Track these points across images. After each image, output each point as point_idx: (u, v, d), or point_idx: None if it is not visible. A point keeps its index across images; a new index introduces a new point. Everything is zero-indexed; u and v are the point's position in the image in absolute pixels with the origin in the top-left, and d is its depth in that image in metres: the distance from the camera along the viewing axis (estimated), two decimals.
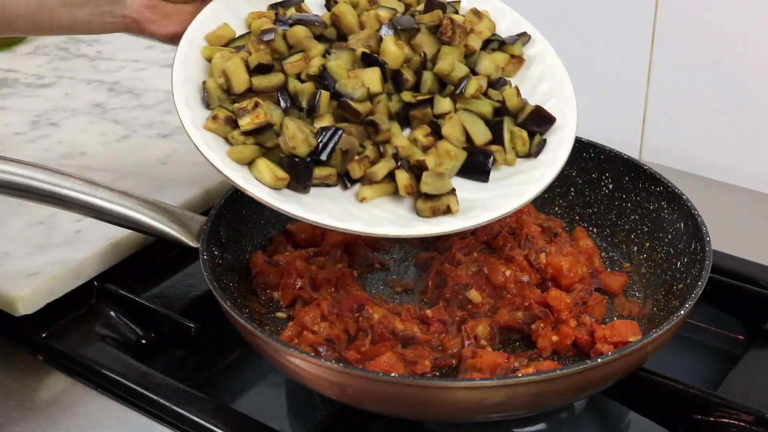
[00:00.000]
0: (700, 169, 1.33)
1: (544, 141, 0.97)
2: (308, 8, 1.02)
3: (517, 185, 0.94)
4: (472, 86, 0.96)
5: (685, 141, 1.35)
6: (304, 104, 0.93)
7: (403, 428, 0.91)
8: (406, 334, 0.94)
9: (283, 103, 0.93)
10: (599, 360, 0.82)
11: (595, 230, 1.12)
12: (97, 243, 1.08)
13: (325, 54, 0.96)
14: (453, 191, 0.91)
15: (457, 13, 1.02)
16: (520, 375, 0.86)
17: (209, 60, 0.97)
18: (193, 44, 0.98)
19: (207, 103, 0.94)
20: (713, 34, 1.27)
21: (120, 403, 0.94)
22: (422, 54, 0.96)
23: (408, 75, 0.96)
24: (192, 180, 1.21)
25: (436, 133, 0.95)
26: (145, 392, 0.93)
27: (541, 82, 1.02)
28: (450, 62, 0.95)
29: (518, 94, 0.98)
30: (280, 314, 1.01)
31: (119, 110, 1.40)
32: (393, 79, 0.96)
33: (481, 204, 0.92)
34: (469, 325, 0.96)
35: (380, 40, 0.96)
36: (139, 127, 1.35)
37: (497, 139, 0.96)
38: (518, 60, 1.03)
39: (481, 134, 0.95)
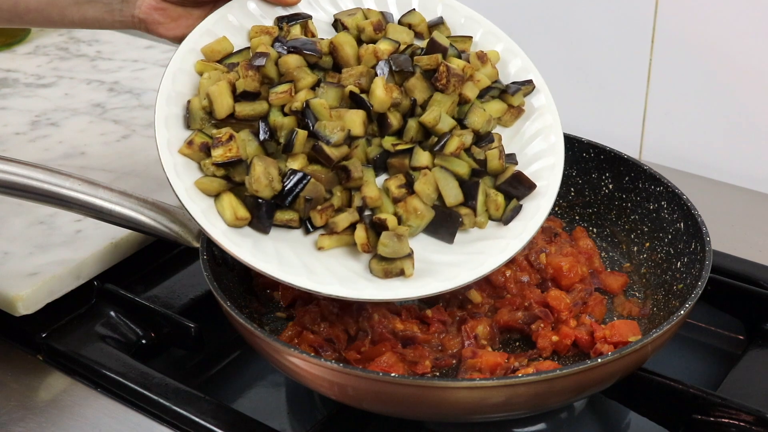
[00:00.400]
0: (700, 169, 1.33)
1: (520, 207, 0.95)
2: (314, 27, 1.00)
3: (476, 254, 0.92)
4: (453, 144, 0.93)
5: (685, 141, 1.35)
6: (281, 139, 0.91)
7: (403, 428, 0.91)
8: (406, 334, 0.94)
9: (262, 135, 0.91)
10: (599, 360, 0.82)
11: (595, 230, 1.12)
12: (97, 243, 1.08)
13: (316, 86, 0.94)
14: (410, 255, 0.89)
15: (460, 56, 0.98)
16: (520, 375, 0.85)
17: (201, 75, 0.95)
18: (187, 58, 0.96)
19: (188, 124, 0.93)
20: (713, 34, 1.27)
21: (120, 403, 0.94)
22: (412, 100, 0.94)
23: (393, 119, 0.93)
24: None
25: (410, 185, 0.93)
26: (145, 392, 0.93)
27: (534, 140, 0.99)
28: (435, 115, 0.93)
29: (501, 156, 0.95)
30: (280, 314, 1.01)
31: (119, 110, 1.40)
32: (378, 121, 0.94)
33: (435, 270, 0.90)
34: (469, 325, 0.96)
35: (374, 77, 0.94)
36: (139, 127, 1.35)
37: (470, 201, 0.94)
38: (518, 110, 1.00)
39: (452, 196, 0.93)
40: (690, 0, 1.27)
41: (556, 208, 1.14)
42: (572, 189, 1.14)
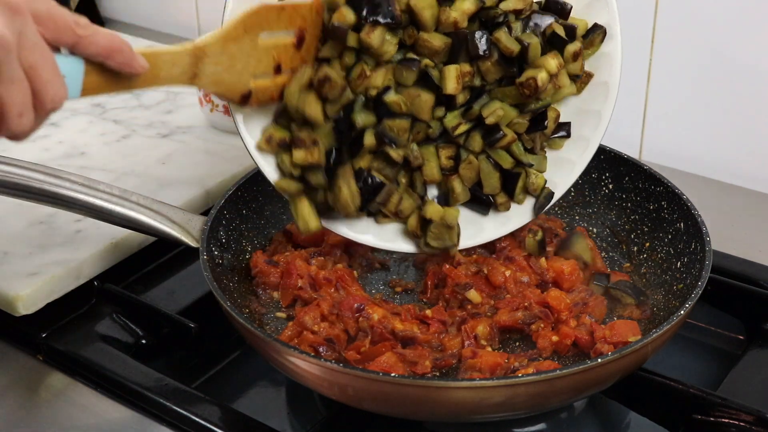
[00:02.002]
0: (700, 169, 1.33)
1: (552, 194, 1.01)
2: None
3: (503, 224, 1.03)
4: (504, 141, 0.96)
5: (685, 141, 1.35)
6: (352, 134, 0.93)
7: (403, 428, 0.91)
8: (406, 334, 0.94)
9: (342, 136, 0.93)
10: (599, 360, 0.82)
11: (595, 230, 1.12)
12: (97, 243, 1.08)
13: (395, 58, 0.92)
14: (455, 245, 0.98)
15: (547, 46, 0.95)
16: (520, 375, 0.86)
17: None
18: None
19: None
20: (713, 34, 1.27)
21: (120, 403, 0.94)
22: (482, 81, 0.95)
23: (460, 98, 0.94)
24: (192, 180, 1.21)
25: (458, 158, 0.97)
26: (145, 392, 0.93)
27: (584, 115, 1.01)
28: (497, 118, 0.95)
29: (545, 156, 1.00)
30: (280, 314, 1.01)
31: (119, 110, 1.40)
32: (445, 96, 0.94)
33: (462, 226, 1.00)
34: (469, 325, 0.96)
35: (450, 49, 0.92)
36: (139, 127, 1.36)
37: (507, 188, 1.00)
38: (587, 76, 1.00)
39: (490, 186, 0.99)
40: (690, 0, 1.27)
41: (556, 208, 1.14)
42: (572, 189, 1.13)
